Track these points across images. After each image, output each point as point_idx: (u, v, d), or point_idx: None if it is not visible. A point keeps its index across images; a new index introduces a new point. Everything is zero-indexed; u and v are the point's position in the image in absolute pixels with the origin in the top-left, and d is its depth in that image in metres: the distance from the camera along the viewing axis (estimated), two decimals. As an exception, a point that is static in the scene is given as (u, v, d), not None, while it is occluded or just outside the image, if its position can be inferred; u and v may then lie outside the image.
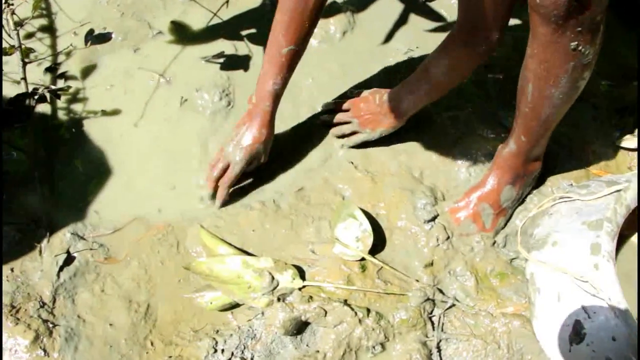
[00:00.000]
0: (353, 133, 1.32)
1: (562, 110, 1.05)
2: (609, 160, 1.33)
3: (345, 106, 1.34)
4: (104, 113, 1.35)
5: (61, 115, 1.34)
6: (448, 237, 1.21)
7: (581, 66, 0.94)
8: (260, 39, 1.47)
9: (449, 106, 1.38)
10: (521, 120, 1.10)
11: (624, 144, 1.34)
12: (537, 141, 1.13)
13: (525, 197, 1.27)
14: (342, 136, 1.34)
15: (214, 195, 1.25)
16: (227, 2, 1.52)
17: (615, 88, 1.43)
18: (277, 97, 1.20)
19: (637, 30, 1.49)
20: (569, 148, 1.32)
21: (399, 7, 1.58)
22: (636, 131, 1.33)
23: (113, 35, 1.45)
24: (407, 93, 1.24)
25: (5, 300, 1.07)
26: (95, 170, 1.29)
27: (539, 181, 1.28)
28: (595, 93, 1.41)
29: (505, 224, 1.24)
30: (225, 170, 1.23)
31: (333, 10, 1.52)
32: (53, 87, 1.33)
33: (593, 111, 1.38)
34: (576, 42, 0.89)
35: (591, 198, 1.07)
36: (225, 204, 1.25)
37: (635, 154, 1.33)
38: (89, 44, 1.42)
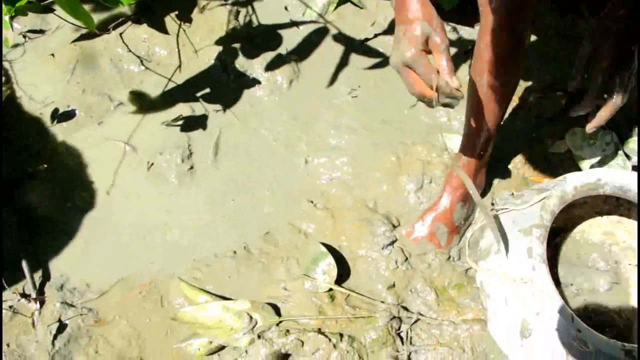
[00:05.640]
0: None
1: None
2: (543, 167, 1.47)
3: None
4: (78, 186, 1.45)
5: (39, 194, 1.43)
6: (406, 259, 1.32)
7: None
8: (215, 98, 1.57)
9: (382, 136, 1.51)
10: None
11: (555, 150, 1.47)
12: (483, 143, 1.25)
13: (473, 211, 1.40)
14: None
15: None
16: (180, 67, 1.64)
17: (543, 99, 1.57)
18: None
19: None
20: (505, 161, 1.45)
21: (340, 49, 1.70)
22: (565, 138, 1.47)
23: (77, 112, 1.55)
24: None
25: (7, 374, 1.16)
26: (76, 241, 1.38)
27: (482, 194, 1.41)
28: (523, 106, 1.55)
29: (460, 241, 1.36)
30: None
31: (278, 62, 1.64)
32: (28, 169, 1.43)
33: (523, 123, 1.52)
34: None
35: (524, 207, 1.19)
36: None
37: (565, 158, 1.47)
38: (55, 122, 1.52)
